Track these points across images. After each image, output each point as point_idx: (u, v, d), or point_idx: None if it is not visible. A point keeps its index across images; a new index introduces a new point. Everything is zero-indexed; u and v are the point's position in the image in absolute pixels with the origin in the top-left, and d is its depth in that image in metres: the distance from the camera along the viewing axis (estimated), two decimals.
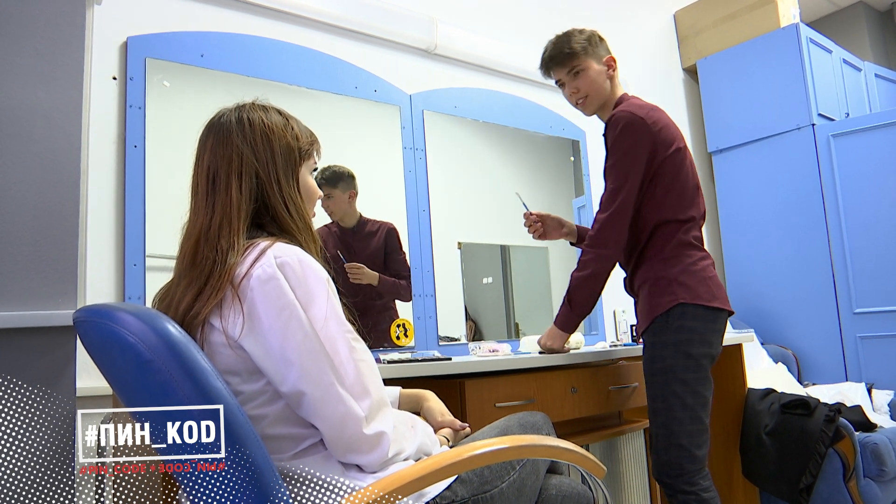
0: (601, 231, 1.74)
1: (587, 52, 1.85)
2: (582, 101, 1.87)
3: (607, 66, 1.87)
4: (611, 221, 1.72)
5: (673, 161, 1.73)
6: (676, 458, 1.65)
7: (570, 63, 1.85)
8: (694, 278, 1.69)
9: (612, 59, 1.88)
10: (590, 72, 1.84)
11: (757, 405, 2.47)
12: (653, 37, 3.96)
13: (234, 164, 1.00)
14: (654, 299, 1.70)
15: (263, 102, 1.09)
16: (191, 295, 0.94)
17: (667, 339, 1.67)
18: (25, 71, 1.25)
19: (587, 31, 1.90)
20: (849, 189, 3.37)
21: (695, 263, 1.71)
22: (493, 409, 1.67)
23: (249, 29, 2.23)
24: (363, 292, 2.38)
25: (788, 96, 3.57)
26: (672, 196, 1.74)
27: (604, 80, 1.86)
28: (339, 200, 2.37)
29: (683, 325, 1.65)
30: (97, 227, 1.84)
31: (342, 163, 2.37)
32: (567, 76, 1.87)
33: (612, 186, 1.74)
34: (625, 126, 1.72)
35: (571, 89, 1.88)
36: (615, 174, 1.74)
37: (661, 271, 1.71)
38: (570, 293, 1.80)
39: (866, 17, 4.82)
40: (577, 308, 1.80)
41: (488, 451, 0.89)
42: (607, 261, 1.75)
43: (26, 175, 1.23)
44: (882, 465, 2.34)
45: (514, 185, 2.91)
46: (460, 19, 2.88)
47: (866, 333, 3.27)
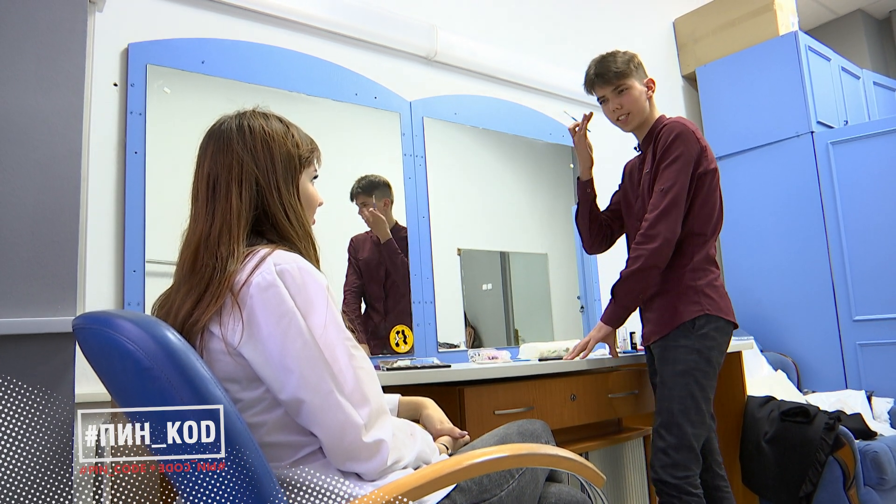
0: (651, 227, 1.79)
1: (631, 73, 1.94)
2: (624, 117, 1.96)
3: (647, 87, 1.97)
4: (661, 218, 1.77)
5: (711, 177, 1.84)
6: (686, 459, 1.72)
7: (617, 81, 1.93)
8: (717, 292, 1.81)
9: (651, 81, 1.99)
10: (633, 91, 1.93)
11: (756, 413, 2.46)
12: (652, 44, 3.97)
13: (234, 171, 1.00)
14: (681, 307, 1.78)
15: (264, 110, 1.09)
16: (190, 302, 0.94)
17: (690, 344, 1.75)
18: (26, 77, 1.25)
19: (629, 52, 1.99)
20: (848, 196, 3.38)
21: (717, 279, 1.84)
22: (492, 416, 1.67)
23: (250, 36, 2.24)
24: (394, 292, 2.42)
25: (787, 104, 3.58)
26: (705, 210, 1.84)
27: (644, 100, 1.96)
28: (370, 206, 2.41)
29: (707, 333, 1.75)
30: (97, 233, 1.84)
31: (341, 169, 2.38)
32: (612, 93, 1.95)
33: (663, 187, 1.81)
34: (678, 134, 1.83)
35: (615, 105, 1.96)
36: (666, 175, 1.81)
37: (690, 282, 1.80)
38: (615, 288, 1.85)
39: (865, 25, 4.83)
40: (622, 300, 1.84)
41: (487, 460, 0.88)
42: (657, 255, 1.77)
43: (26, 181, 1.23)
44: (882, 474, 2.34)
45: (513, 191, 2.92)
46: (460, 27, 2.89)
47: (866, 341, 3.27)
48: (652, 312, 1.87)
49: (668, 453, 1.74)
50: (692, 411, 1.73)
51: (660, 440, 1.77)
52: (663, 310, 1.82)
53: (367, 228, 2.41)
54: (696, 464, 1.74)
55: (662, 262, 1.79)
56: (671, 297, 1.81)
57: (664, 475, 1.73)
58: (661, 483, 1.75)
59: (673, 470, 1.72)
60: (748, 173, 3.75)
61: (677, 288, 1.80)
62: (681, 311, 1.78)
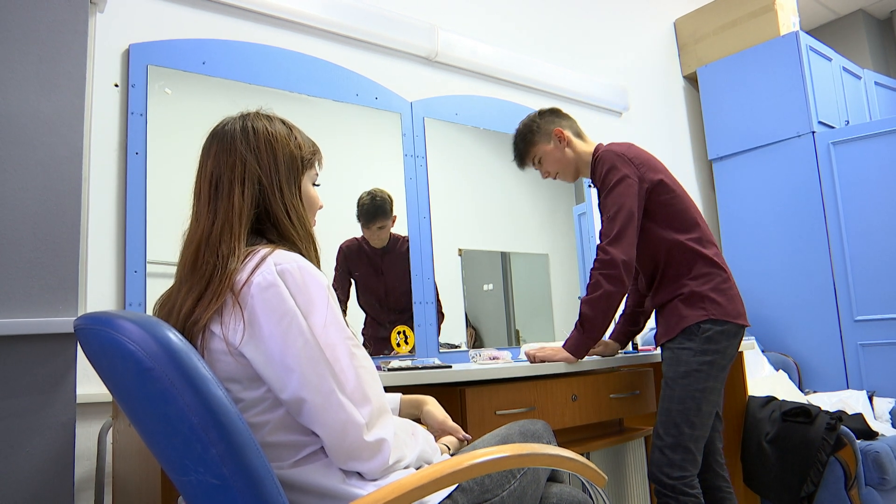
0: (605, 253, 1.79)
1: (535, 142, 2.04)
2: (556, 178, 2.07)
3: (558, 139, 2.02)
4: (613, 243, 1.79)
5: (662, 187, 1.85)
6: (682, 459, 1.73)
7: (528, 158, 2.07)
8: (725, 296, 1.81)
9: (557, 130, 2.02)
10: (547, 155, 2.03)
11: (758, 413, 2.46)
12: (653, 45, 3.97)
13: (237, 171, 1.01)
14: (686, 311, 1.79)
15: (267, 112, 1.10)
16: (191, 300, 0.94)
17: (694, 346, 1.76)
18: (27, 78, 1.25)
19: (527, 119, 2.08)
20: (849, 196, 3.38)
21: (725, 281, 1.83)
22: (494, 416, 1.66)
23: (251, 36, 2.24)
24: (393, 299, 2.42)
25: (788, 104, 3.58)
26: (675, 222, 1.85)
27: (563, 152, 2.02)
28: (387, 228, 2.43)
29: (711, 337, 1.76)
30: (98, 233, 1.85)
31: (343, 170, 2.38)
32: (534, 166, 2.09)
33: (608, 215, 1.84)
34: (610, 162, 1.86)
35: (543, 174, 2.09)
36: (608, 203, 1.84)
37: (696, 287, 1.80)
38: (581, 317, 1.83)
39: (866, 25, 4.83)
40: (589, 331, 1.82)
41: (489, 460, 0.88)
42: (615, 281, 1.78)
43: (28, 182, 1.23)
44: (883, 474, 2.33)
45: (514, 192, 2.92)
46: (461, 27, 2.89)
47: (867, 341, 3.27)
48: (662, 316, 1.89)
49: (664, 453, 1.75)
50: (692, 412, 1.74)
51: (658, 440, 1.78)
52: (670, 314, 1.84)
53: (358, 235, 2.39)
54: (692, 465, 1.75)
55: (623, 287, 1.79)
56: (678, 301, 1.82)
57: (660, 475, 1.75)
58: (657, 482, 1.77)
59: (669, 470, 1.74)
60: (749, 173, 3.75)
61: (683, 294, 1.82)
62: (686, 316, 1.79)
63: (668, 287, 1.86)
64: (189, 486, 0.83)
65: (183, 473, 0.82)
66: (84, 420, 1.69)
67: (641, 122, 3.72)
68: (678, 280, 1.84)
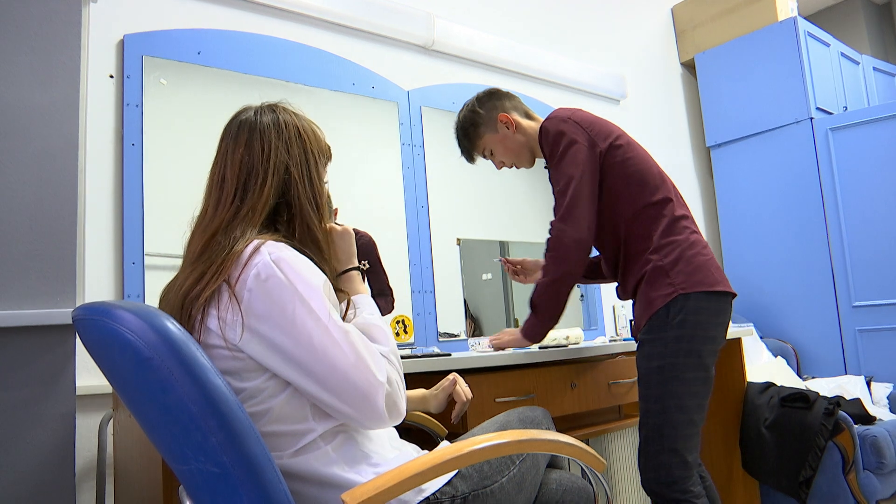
0: (558, 235, 1.63)
1: (480, 134, 1.84)
2: (511, 166, 1.89)
3: (505, 124, 1.82)
4: (564, 219, 1.61)
5: (617, 152, 1.65)
6: (667, 463, 1.52)
7: (477, 152, 1.89)
8: (690, 265, 1.56)
9: (502, 115, 1.82)
10: (497, 145, 1.84)
11: (756, 399, 2.47)
12: (650, 31, 3.96)
13: (271, 161, 1.02)
14: (651, 293, 1.57)
15: (290, 105, 1.12)
16: (193, 279, 0.94)
17: (667, 335, 1.54)
18: (22, 70, 1.25)
19: (467, 108, 1.87)
20: (847, 182, 3.38)
21: (690, 247, 1.59)
22: (493, 404, 1.67)
23: (246, 26, 2.23)
24: None
25: (787, 90, 3.57)
26: (633, 186, 1.64)
27: (513, 138, 1.82)
28: None
29: (686, 318, 1.52)
30: (96, 225, 1.84)
31: (340, 159, 2.36)
32: (486, 157, 1.91)
33: (559, 189, 1.65)
34: (555, 132, 1.67)
35: (497, 164, 1.90)
36: (556, 176, 1.66)
37: (656, 262, 1.58)
38: (533, 300, 1.67)
39: (864, 11, 4.81)
40: (542, 315, 1.67)
41: (488, 446, 0.89)
42: (564, 263, 1.62)
43: (24, 174, 1.23)
44: (881, 458, 2.35)
45: (512, 180, 2.91)
46: (458, 15, 2.87)
47: (865, 327, 3.28)
48: (636, 306, 1.68)
49: (647, 457, 1.56)
50: (673, 411, 1.52)
51: (641, 440, 1.59)
52: (639, 302, 1.63)
53: None
54: (681, 467, 1.52)
55: (578, 267, 1.63)
56: (644, 285, 1.61)
57: (648, 483, 1.57)
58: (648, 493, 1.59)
59: (655, 476, 1.54)
60: (747, 160, 3.75)
61: (647, 274, 1.60)
62: (653, 298, 1.57)
63: (632, 268, 1.65)
64: (189, 475, 0.83)
65: (183, 462, 0.82)
66: (85, 412, 1.70)
67: (639, 109, 3.71)
68: (640, 257, 1.62)
